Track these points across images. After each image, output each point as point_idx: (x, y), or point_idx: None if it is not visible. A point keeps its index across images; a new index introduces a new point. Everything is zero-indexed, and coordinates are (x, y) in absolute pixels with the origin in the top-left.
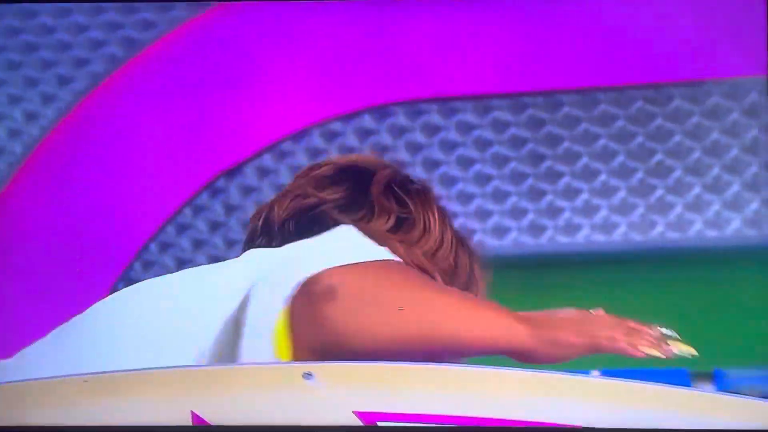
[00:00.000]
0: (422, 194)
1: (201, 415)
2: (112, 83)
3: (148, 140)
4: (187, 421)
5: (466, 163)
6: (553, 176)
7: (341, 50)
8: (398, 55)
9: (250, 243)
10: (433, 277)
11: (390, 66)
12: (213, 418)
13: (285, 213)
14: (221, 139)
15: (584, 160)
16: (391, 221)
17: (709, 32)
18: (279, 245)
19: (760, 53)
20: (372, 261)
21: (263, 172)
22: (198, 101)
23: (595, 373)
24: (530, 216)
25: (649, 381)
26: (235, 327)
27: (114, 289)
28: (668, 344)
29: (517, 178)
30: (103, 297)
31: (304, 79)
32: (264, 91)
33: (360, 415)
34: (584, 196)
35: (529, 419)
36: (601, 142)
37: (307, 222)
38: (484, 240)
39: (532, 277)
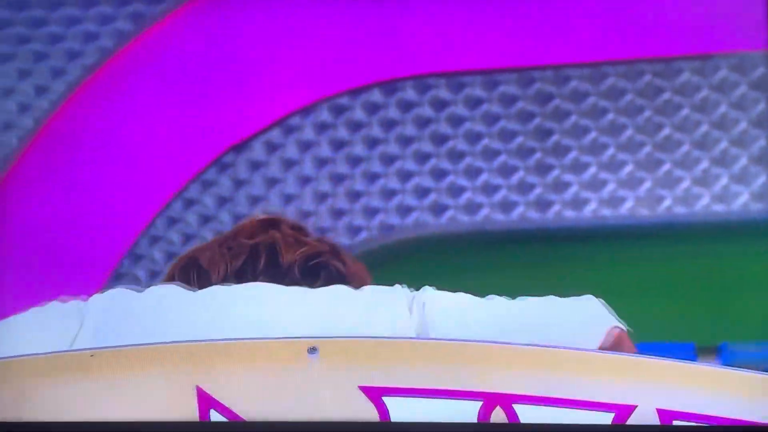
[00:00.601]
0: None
1: (206, 390)
2: (121, 59)
3: (156, 116)
4: (192, 396)
5: (473, 137)
6: (561, 151)
7: (350, 26)
8: (407, 31)
9: (243, 275)
10: None
11: (399, 41)
12: (218, 393)
13: (294, 258)
14: (229, 114)
15: (592, 134)
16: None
17: (717, 6)
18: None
19: None
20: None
21: (271, 147)
22: (206, 77)
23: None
24: (537, 191)
25: (654, 355)
26: None
27: (120, 265)
28: None
29: (525, 152)
30: (109, 272)
31: (313, 54)
32: (273, 66)
33: (365, 390)
34: (592, 170)
35: (536, 394)
36: (609, 116)
37: (311, 268)
38: (491, 215)
39: (538, 252)
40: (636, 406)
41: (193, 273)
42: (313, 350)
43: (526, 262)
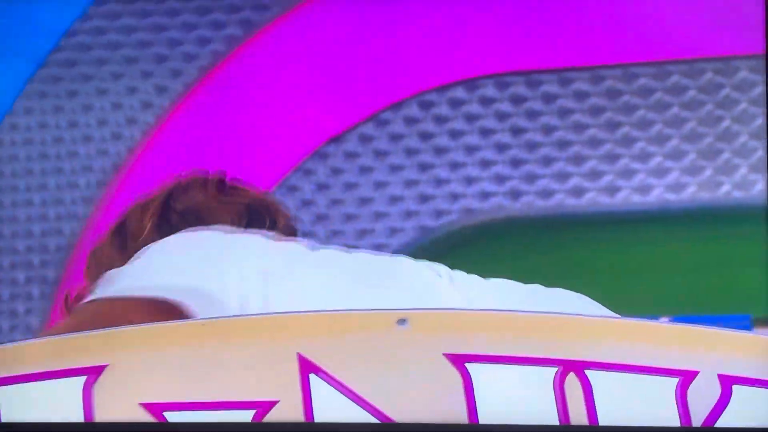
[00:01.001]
0: None
1: (306, 356)
2: (231, 61)
3: (262, 112)
4: (294, 362)
5: (549, 130)
6: (629, 141)
7: (436, 26)
8: (489, 33)
9: (248, 225)
10: None
11: (481, 43)
12: (317, 359)
13: (283, 220)
14: (328, 110)
15: (658, 126)
16: None
17: None
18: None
19: None
20: None
21: (365, 139)
22: (307, 77)
23: (664, 319)
24: (607, 178)
25: (712, 326)
26: None
27: None
28: None
29: (595, 143)
30: None
31: (403, 55)
32: (368, 66)
33: (449, 357)
34: (657, 159)
35: (609, 360)
36: (674, 110)
37: (291, 228)
38: (564, 200)
39: (606, 236)
40: (698, 372)
41: (193, 220)
42: (402, 321)
43: (594, 244)
